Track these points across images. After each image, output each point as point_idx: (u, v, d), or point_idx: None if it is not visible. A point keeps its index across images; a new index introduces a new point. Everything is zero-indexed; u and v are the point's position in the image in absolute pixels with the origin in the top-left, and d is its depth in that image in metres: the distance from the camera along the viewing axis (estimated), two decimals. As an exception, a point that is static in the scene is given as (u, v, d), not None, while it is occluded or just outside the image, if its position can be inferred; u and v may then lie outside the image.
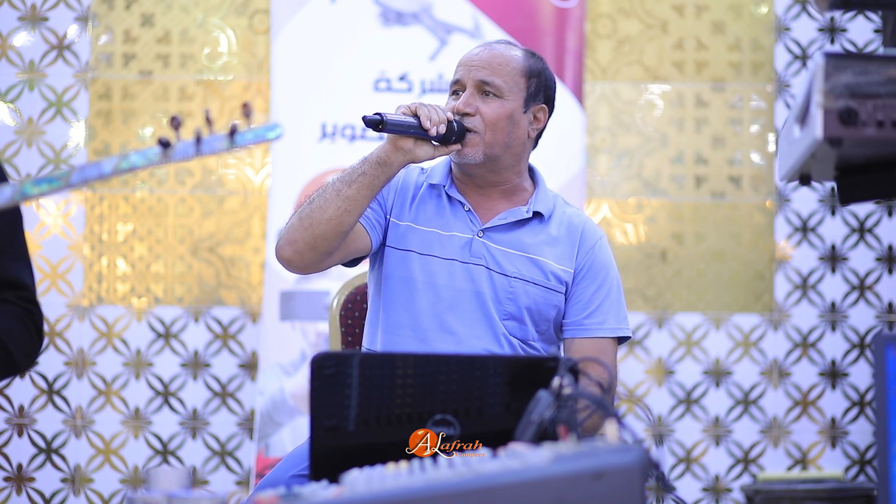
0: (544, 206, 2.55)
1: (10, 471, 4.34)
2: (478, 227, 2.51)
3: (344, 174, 2.39)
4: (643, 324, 4.42)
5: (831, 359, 4.41)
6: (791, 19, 4.47)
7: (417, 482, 1.36)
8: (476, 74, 2.47)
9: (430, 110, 2.37)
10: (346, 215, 2.36)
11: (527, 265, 2.49)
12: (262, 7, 4.45)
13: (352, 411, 1.83)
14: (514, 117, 2.48)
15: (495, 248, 2.50)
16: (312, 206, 2.37)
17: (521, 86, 2.50)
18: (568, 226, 2.56)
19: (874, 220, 4.44)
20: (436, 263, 2.49)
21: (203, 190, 4.45)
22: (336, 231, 2.37)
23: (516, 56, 2.51)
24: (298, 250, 2.38)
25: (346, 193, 2.36)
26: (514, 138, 2.50)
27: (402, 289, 2.49)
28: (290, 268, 2.44)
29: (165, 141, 1.69)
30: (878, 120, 1.56)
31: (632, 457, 1.33)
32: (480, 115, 2.46)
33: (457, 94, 2.50)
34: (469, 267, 2.48)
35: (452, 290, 2.48)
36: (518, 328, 2.49)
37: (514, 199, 2.56)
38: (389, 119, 2.33)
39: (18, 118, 4.42)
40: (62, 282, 4.39)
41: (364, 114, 2.32)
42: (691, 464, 4.40)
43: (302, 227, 2.37)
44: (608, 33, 4.49)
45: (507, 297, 2.48)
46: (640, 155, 4.47)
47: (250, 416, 4.35)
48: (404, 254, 2.50)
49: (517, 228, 2.53)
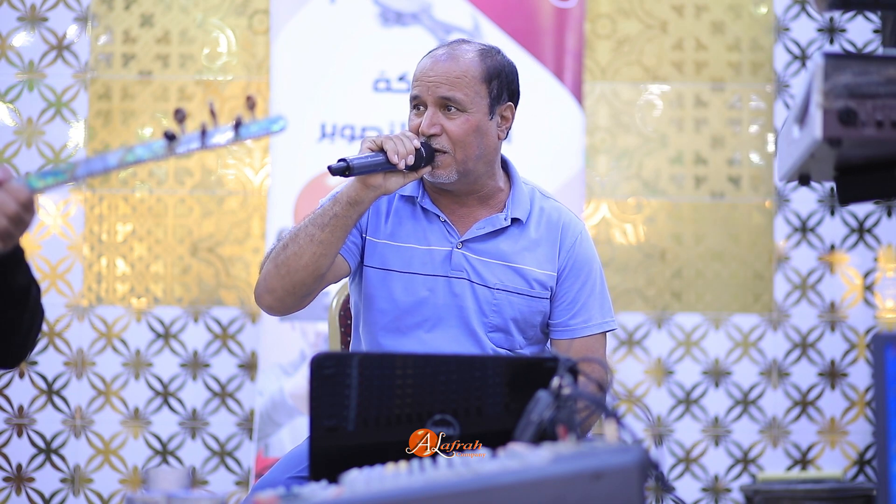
0: (521, 209, 2.49)
1: (9, 471, 4.34)
2: (456, 238, 2.46)
3: (315, 217, 2.34)
4: (643, 324, 4.43)
5: (831, 359, 4.41)
6: (790, 19, 4.47)
7: (417, 482, 1.36)
8: (435, 91, 2.38)
9: (397, 143, 2.30)
10: (322, 258, 2.33)
11: (509, 275, 2.45)
12: (262, 7, 4.46)
13: (351, 411, 1.83)
14: (481, 128, 2.41)
15: (476, 258, 2.45)
16: (287, 252, 2.34)
17: (482, 93, 2.41)
18: (547, 224, 2.51)
19: (874, 220, 4.44)
20: (417, 281, 2.45)
21: (202, 190, 4.45)
22: (314, 275, 2.34)
23: (473, 62, 2.41)
24: (278, 298, 2.37)
25: (320, 238, 2.32)
26: (485, 147, 2.43)
27: (384, 308, 2.46)
28: (272, 313, 2.44)
29: (171, 134, 1.69)
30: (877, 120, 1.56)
31: (631, 457, 1.33)
32: (447, 134, 2.39)
33: (418, 108, 2.43)
34: (451, 281, 2.44)
35: (435, 307, 2.44)
36: (504, 339, 2.46)
37: (490, 203, 2.50)
38: (356, 164, 2.27)
39: (18, 118, 4.42)
40: (62, 282, 4.39)
41: (329, 163, 2.27)
42: (691, 464, 4.40)
43: (279, 276, 2.34)
44: (608, 33, 4.49)
45: (491, 310, 2.45)
46: (639, 155, 4.47)
47: (250, 417, 4.35)
48: (384, 273, 2.46)
49: (496, 237, 2.47)
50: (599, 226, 4.46)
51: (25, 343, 2.01)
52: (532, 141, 4.17)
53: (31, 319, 2.00)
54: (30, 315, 1.99)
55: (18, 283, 1.95)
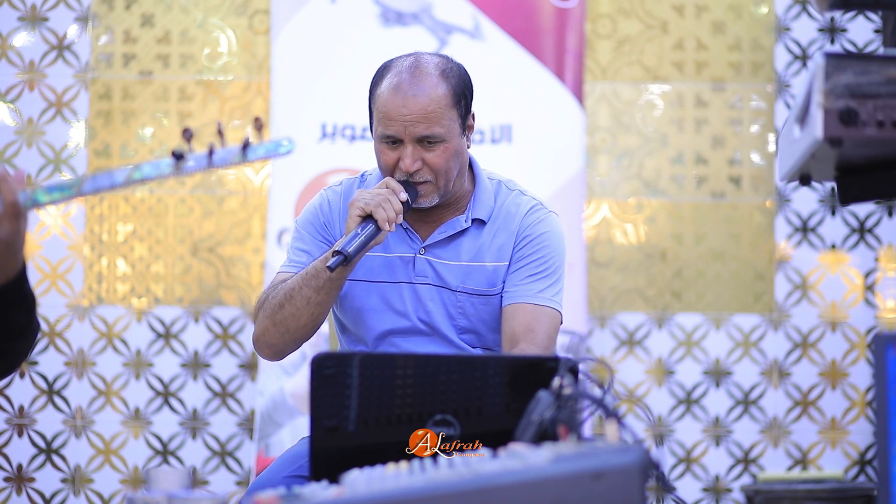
0: (484, 209, 2.47)
1: (10, 471, 4.34)
2: (418, 244, 2.46)
3: (309, 279, 2.34)
4: (643, 324, 4.42)
5: (831, 359, 4.41)
6: (791, 19, 4.47)
7: (417, 482, 1.36)
8: (413, 131, 2.35)
9: (386, 209, 2.28)
10: (320, 317, 2.39)
11: (471, 275, 2.44)
12: (262, 7, 4.45)
13: (352, 411, 1.83)
14: (458, 150, 2.40)
15: (438, 262, 2.45)
16: (284, 313, 2.37)
17: (454, 117, 2.39)
18: (505, 216, 2.47)
19: (874, 220, 4.44)
20: (385, 288, 2.45)
21: (203, 190, 4.45)
22: (313, 329, 2.41)
23: (440, 90, 2.37)
24: (279, 351, 2.45)
25: (317, 300, 2.35)
26: (461, 164, 2.43)
27: (356, 317, 2.48)
28: (271, 360, 2.54)
29: (179, 153, 1.68)
30: (878, 120, 1.56)
31: (632, 457, 1.33)
32: (428, 166, 2.37)
33: (390, 142, 2.38)
34: (416, 287, 2.44)
35: (404, 313, 2.44)
36: (477, 339, 2.47)
37: (453, 207, 2.48)
38: (352, 251, 2.26)
39: (18, 118, 4.42)
40: (62, 282, 4.39)
41: (328, 265, 2.25)
42: (691, 464, 4.40)
43: (279, 333, 2.40)
44: (608, 33, 4.49)
45: (457, 312, 2.44)
46: (640, 155, 4.47)
47: (250, 417, 4.35)
48: (354, 284, 2.45)
49: (457, 239, 2.46)
50: (600, 226, 4.45)
51: (11, 369, 1.97)
52: (532, 141, 4.17)
53: (19, 353, 1.93)
54: (20, 351, 1.93)
55: (16, 321, 1.88)
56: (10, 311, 1.85)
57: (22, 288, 1.85)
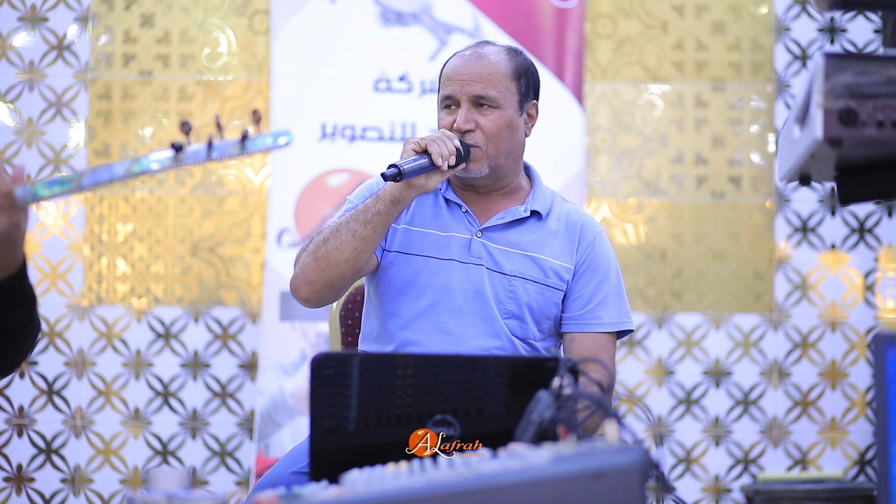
0: (542, 204, 2.56)
1: (10, 471, 4.34)
2: (476, 227, 2.52)
3: (357, 213, 2.40)
4: (643, 324, 4.42)
5: (831, 359, 4.41)
6: (791, 19, 4.47)
7: (417, 482, 1.36)
8: (470, 89, 2.47)
9: (440, 145, 2.37)
10: (363, 254, 2.40)
11: (526, 263, 2.50)
12: (262, 7, 4.45)
13: (352, 411, 1.83)
14: (512, 124, 2.50)
15: (494, 247, 2.51)
16: (328, 246, 2.39)
17: (513, 90, 2.50)
18: (566, 222, 2.57)
19: (874, 220, 4.44)
20: (434, 264, 2.50)
21: (203, 190, 4.45)
22: (353, 269, 2.41)
23: (502, 61, 2.50)
24: (316, 290, 2.43)
25: (363, 234, 2.38)
26: (514, 143, 2.52)
27: (398, 290, 2.51)
28: (307, 305, 2.49)
29: (178, 145, 1.68)
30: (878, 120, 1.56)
31: (631, 457, 1.33)
32: (481, 130, 2.47)
33: (449, 107, 2.50)
34: (468, 267, 2.49)
35: (450, 290, 2.48)
36: (519, 327, 2.49)
37: (511, 198, 2.57)
38: (406, 169, 2.33)
39: (18, 118, 4.42)
40: (62, 282, 4.39)
41: (381, 171, 2.34)
42: (691, 464, 4.40)
43: (319, 268, 2.40)
44: (608, 33, 4.49)
45: (507, 296, 2.48)
46: (640, 155, 4.47)
47: (250, 417, 4.35)
48: (402, 256, 2.51)
49: (515, 227, 2.53)
50: (601, 224, 4.45)
51: (12, 367, 1.96)
52: (532, 141, 4.15)
53: (20, 351, 1.92)
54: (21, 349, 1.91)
55: (16, 318, 1.87)
56: (10, 308, 1.85)
57: (22, 284, 1.84)
